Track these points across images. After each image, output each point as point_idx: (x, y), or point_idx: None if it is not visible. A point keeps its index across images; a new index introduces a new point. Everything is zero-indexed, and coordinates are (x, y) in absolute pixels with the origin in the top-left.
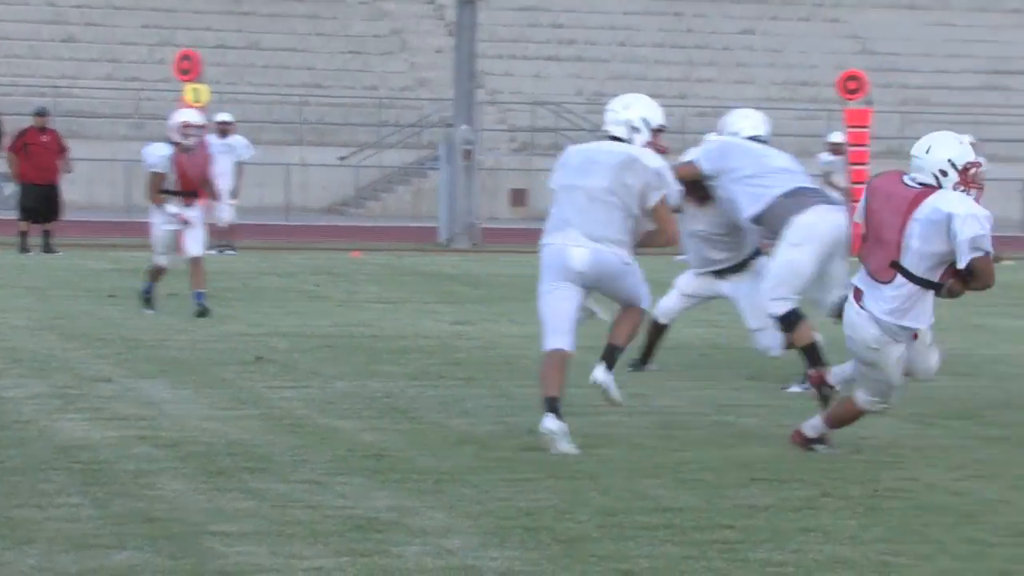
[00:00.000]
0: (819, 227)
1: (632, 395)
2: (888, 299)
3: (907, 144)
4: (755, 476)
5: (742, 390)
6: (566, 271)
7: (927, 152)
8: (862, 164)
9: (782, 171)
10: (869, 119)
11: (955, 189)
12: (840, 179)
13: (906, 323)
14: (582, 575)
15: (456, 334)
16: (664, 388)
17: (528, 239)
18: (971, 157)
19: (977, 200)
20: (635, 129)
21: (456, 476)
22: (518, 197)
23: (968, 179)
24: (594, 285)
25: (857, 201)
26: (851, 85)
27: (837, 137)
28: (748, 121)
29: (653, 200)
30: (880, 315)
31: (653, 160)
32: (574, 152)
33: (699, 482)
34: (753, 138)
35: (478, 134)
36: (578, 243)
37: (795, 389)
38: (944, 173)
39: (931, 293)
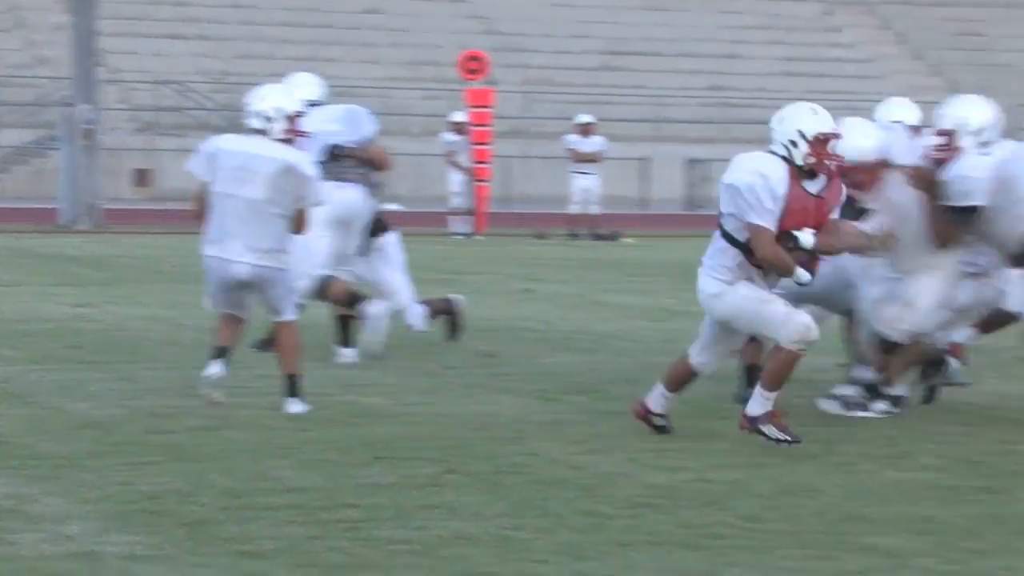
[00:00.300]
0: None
1: (258, 376)
2: (710, 254)
3: (532, 124)
4: (379, 455)
5: (367, 369)
6: (229, 284)
7: (780, 122)
8: (484, 143)
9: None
10: (491, 99)
11: (806, 160)
12: (463, 159)
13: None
14: (205, 558)
15: (78, 316)
16: None
17: (152, 220)
18: (824, 128)
19: (827, 174)
20: (269, 119)
21: (76, 461)
22: (141, 177)
23: (820, 151)
24: (255, 292)
25: (482, 180)
26: (472, 65)
27: (459, 117)
28: None
29: (298, 206)
30: (705, 268)
31: (309, 168)
32: (227, 151)
33: (323, 462)
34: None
35: (99, 113)
36: (241, 257)
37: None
38: (794, 144)
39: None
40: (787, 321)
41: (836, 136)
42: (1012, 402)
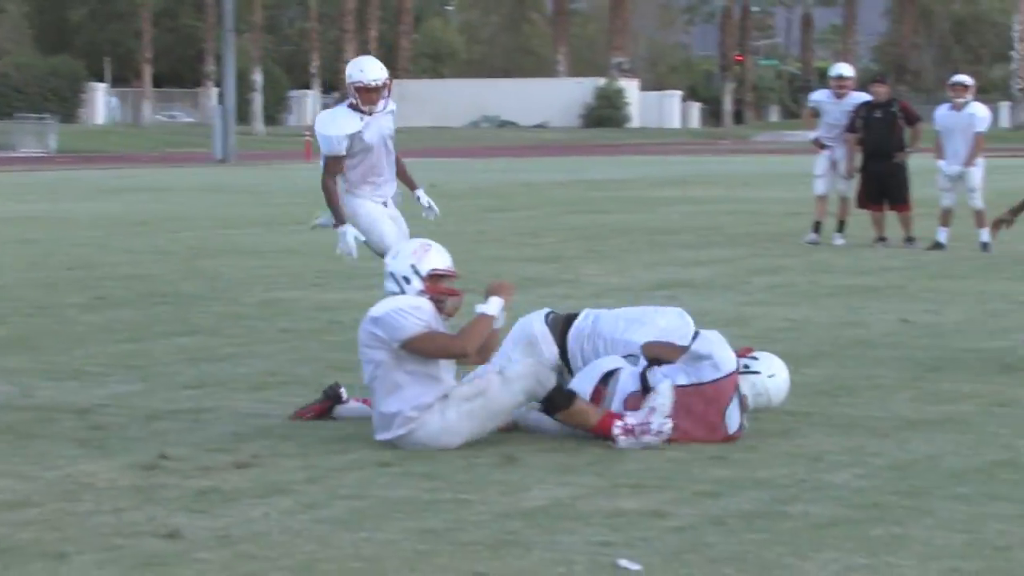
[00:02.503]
0: None
1: None
2: None
3: None
4: None
5: None
6: None
7: (393, 259)
8: None
9: None
10: None
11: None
12: None
13: None
14: None
15: None
16: None
17: None
18: (439, 265)
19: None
20: None
21: None
22: None
23: (437, 287)
24: None
25: None
26: None
27: None
28: None
29: None
30: None
31: None
32: None
33: None
34: None
35: None
36: None
37: None
38: (407, 280)
39: None
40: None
41: (452, 275)
42: None
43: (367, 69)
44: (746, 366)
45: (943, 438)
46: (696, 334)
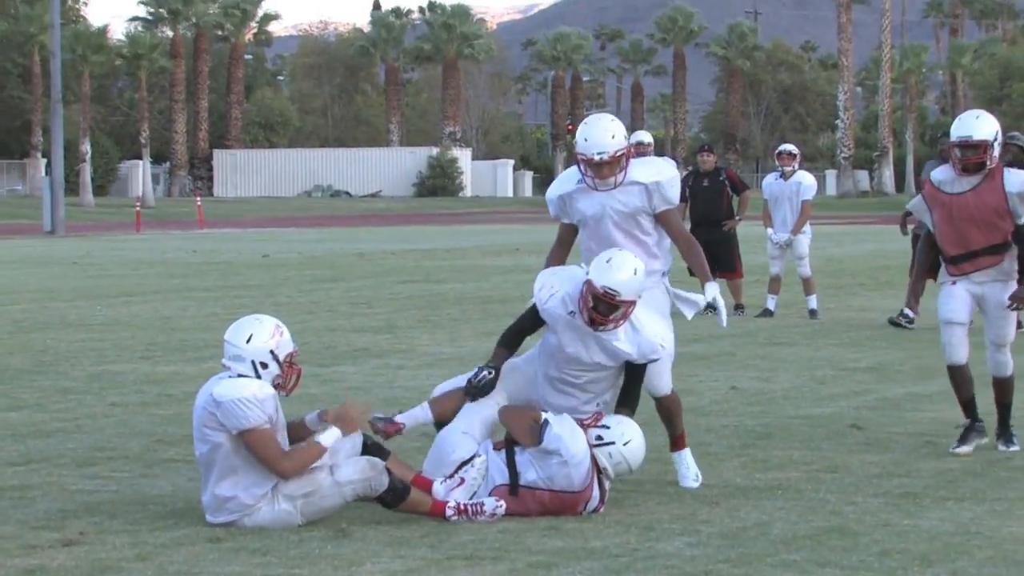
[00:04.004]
0: None
1: None
2: None
3: None
4: None
5: None
6: None
7: (247, 342)
8: None
9: None
10: None
11: (275, 381)
12: None
13: None
14: None
15: None
16: None
17: None
18: (290, 347)
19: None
20: None
21: None
22: None
23: (291, 369)
24: None
25: None
26: None
27: None
28: None
29: None
30: None
31: None
32: None
33: None
34: None
35: None
36: None
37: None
38: (264, 365)
39: None
40: None
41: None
42: None
43: (591, 138)
44: (599, 437)
45: (772, 505)
46: (545, 423)
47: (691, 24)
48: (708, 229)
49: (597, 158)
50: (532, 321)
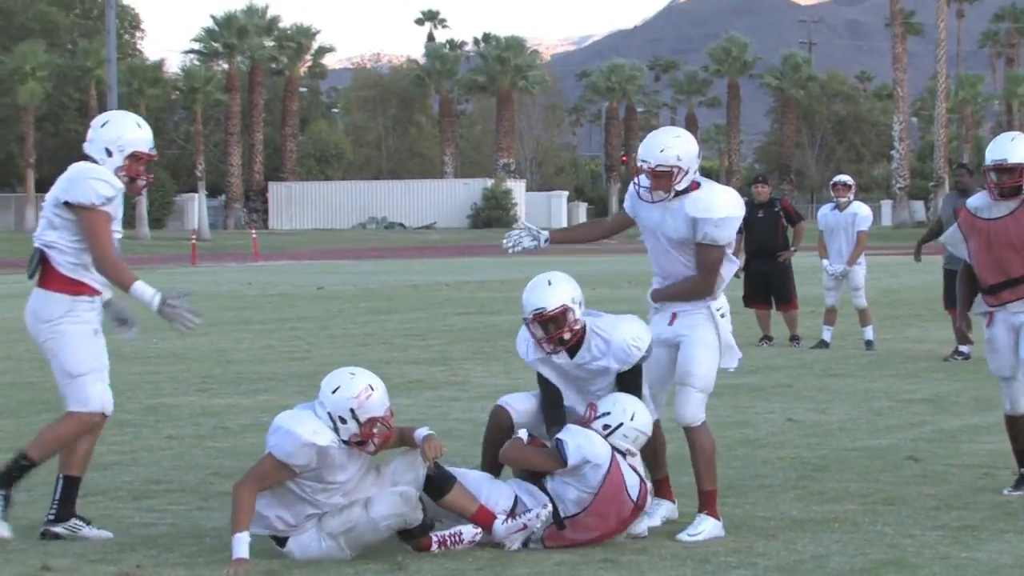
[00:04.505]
0: None
1: None
2: None
3: None
4: None
5: None
6: None
7: (332, 392)
8: None
9: None
10: None
11: (352, 439)
12: None
13: None
14: None
15: None
16: None
17: None
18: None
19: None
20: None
21: None
22: None
23: (370, 431)
24: None
25: None
26: None
27: None
28: None
29: None
30: None
31: None
32: None
33: None
34: None
35: None
36: None
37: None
38: (343, 420)
39: None
40: None
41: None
42: None
43: (644, 145)
44: (607, 426)
45: (830, 538)
46: (559, 442)
47: (745, 55)
48: (763, 260)
49: (643, 165)
50: (546, 384)
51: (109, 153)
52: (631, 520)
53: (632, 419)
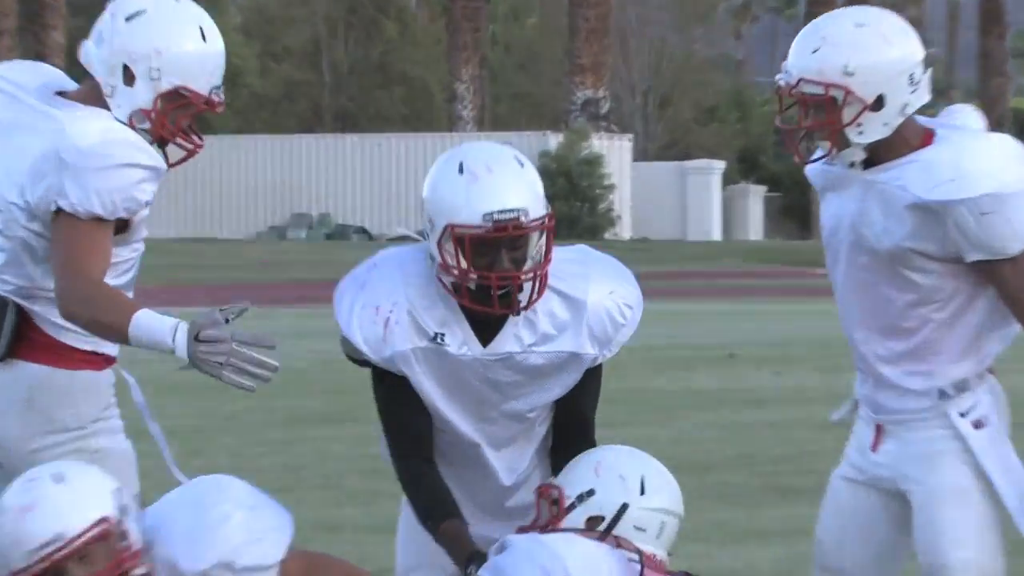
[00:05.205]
0: None
1: None
2: None
3: None
4: None
5: None
6: None
7: None
8: None
9: None
10: None
11: None
12: None
13: None
14: None
15: None
16: None
17: None
18: None
19: None
20: None
21: None
22: None
23: None
24: None
25: None
26: None
27: None
28: None
29: None
30: None
31: None
32: None
33: None
34: None
35: None
36: None
37: None
38: None
39: None
40: None
41: None
42: None
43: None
44: (597, 518)
45: None
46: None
47: None
48: None
49: (781, 81)
50: (404, 413)
51: (130, 78)
52: None
53: (643, 491)
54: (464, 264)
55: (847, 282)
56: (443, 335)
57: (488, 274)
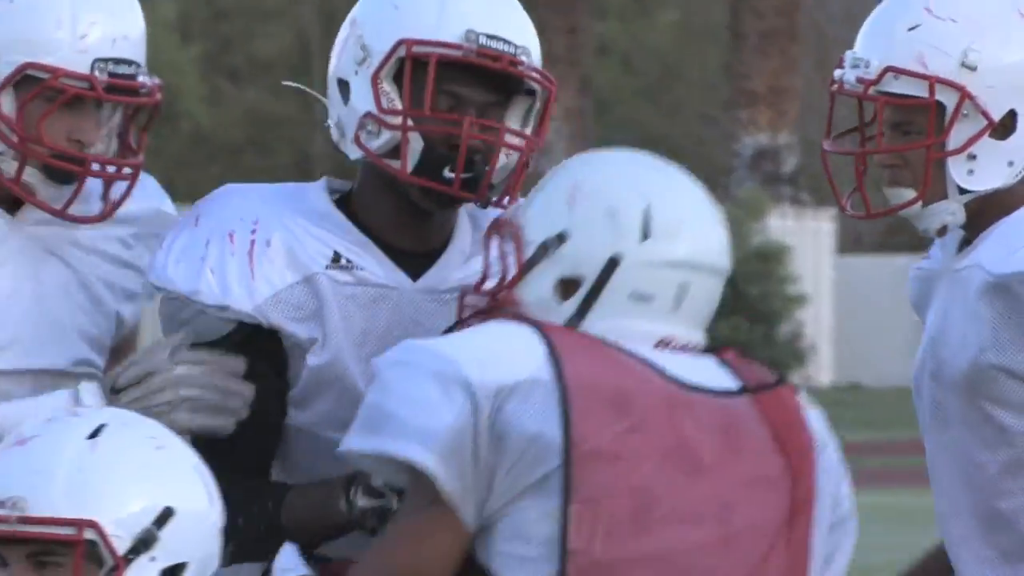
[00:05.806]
0: None
1: None
2: None
3: None
4: None
5: None
6: None
7: None
8: None
9: None
10: None
11: None
12: None
13: None
14: None
15: None
16: None
17: None
18: None
19: None
20: None
21: None
22: None
23: None
24: None
25: None
26: None
27: None
28: None
29: None
30: None
31: None
32: None
33: None
34: None
35: None
36: None
37: None
38: None
39: None
40: None
41: None
42: None
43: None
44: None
45: None
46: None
47: None
48: None
49: (842, 77)
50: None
51: None
52: None
53: (647, 233)
54: (419, 105)
55: (933, 446)
56: (349, 259)
57: (460, 118)
